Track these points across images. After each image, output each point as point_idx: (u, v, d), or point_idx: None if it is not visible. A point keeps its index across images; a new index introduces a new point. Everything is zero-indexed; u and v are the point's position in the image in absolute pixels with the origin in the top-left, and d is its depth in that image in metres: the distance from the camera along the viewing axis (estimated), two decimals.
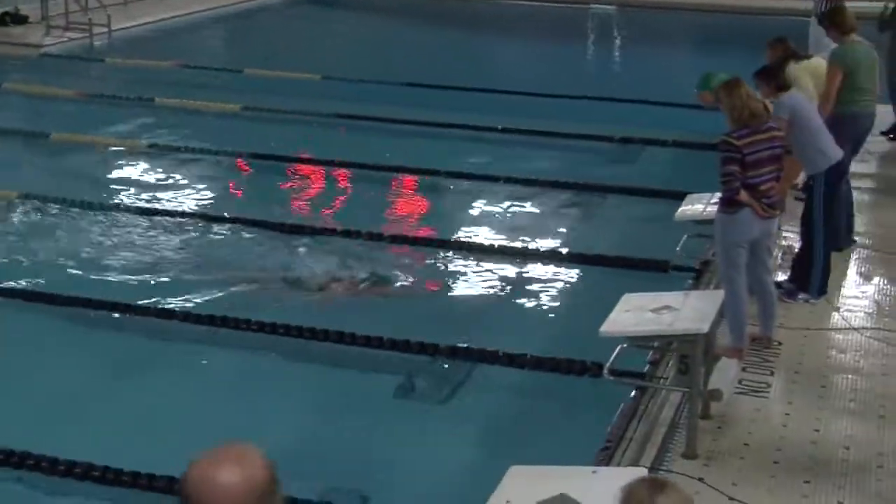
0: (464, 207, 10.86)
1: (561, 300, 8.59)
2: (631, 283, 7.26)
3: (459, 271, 9.03)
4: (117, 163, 12.36)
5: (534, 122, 13.23)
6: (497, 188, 11.19)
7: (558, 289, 8.76)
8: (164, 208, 10.54)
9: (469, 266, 9.12)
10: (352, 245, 9.45)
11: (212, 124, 13.93)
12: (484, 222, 10.44)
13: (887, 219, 9.44)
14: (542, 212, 10.68)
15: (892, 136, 11.65)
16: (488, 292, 8.69)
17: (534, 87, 14.98)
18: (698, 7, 22.61)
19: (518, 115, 13.77)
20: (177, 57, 17.69)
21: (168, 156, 12.46)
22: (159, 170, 12.09)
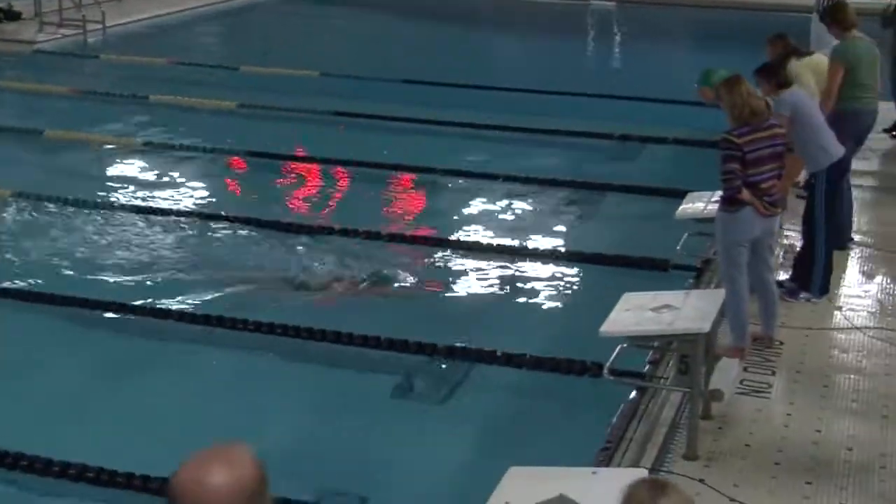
0: (462, 206, 10.85)
1: (560, 299, 8.59)
2: (631, 282, 7.27)
3: (458, 270, 9.03)
4: (112, 161, 12.36)
5: (533, 120, 13.23)
6: (496, 186, 11.20)
7: (558, 288, 8.77)
8: (159, 207, 10.53)
9: (468, 265, 9.12)
10: (350, 244, 9.46)
11: (207, 122, 13.92)
12: (483, 221, 10.44)
13: (890, 217, 9.45)
14: (542, 210, 10.68)
15: (894, 134, 11.66)
16: (487, 291, 8.69)
17: (533, 84, 14.98)
18: (698, 3, 22.61)
19: (517, 112, 13.77)
20: (172, 54, 17.68)
21: (163, 154, 12.45)
22: (154, 168, 12.08)
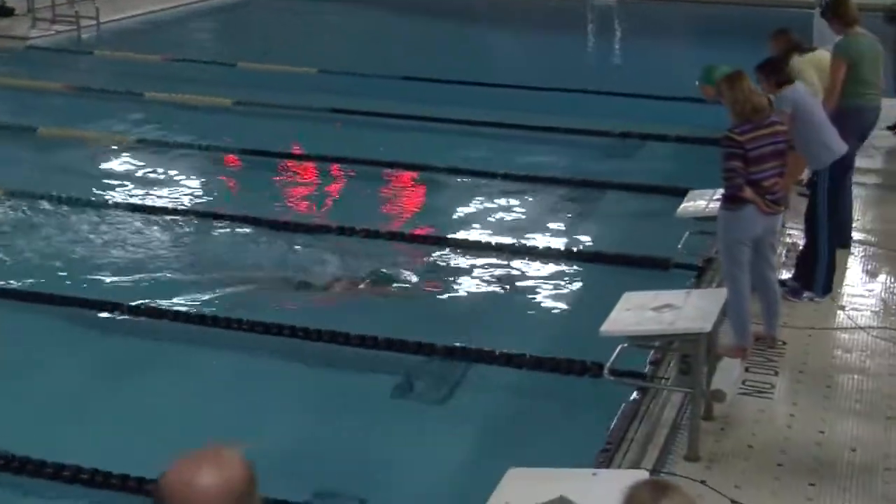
0: (461, 204, 10.85)
1: (560, 299, 8.58)
2: (632, 282, 7.26)
3: (457, 269, 9.01)
4: (106, 158, 12.34)
5: (532, 117, 13.21)
6: (495, 184, 11.19)
7: (558, 287, 8.76)
8: (155, 205, 10.53)
9: (467, 264, 9.12)
10: (348, 242, 9.46)
11: (203, 119, 13.91)
12: (482, 219, 10.43)
13: (893, 215, 9.44)
14: (541, 208, 10.68)
15: None
16: (486, 291, 8.68)
17: (532, 81, 14.98)
18: None
19: (516, 109, 13.75)
20: (167, 50, 17.67)
21: (158, 151, 12.44)
22: (149, 166, 12.06)
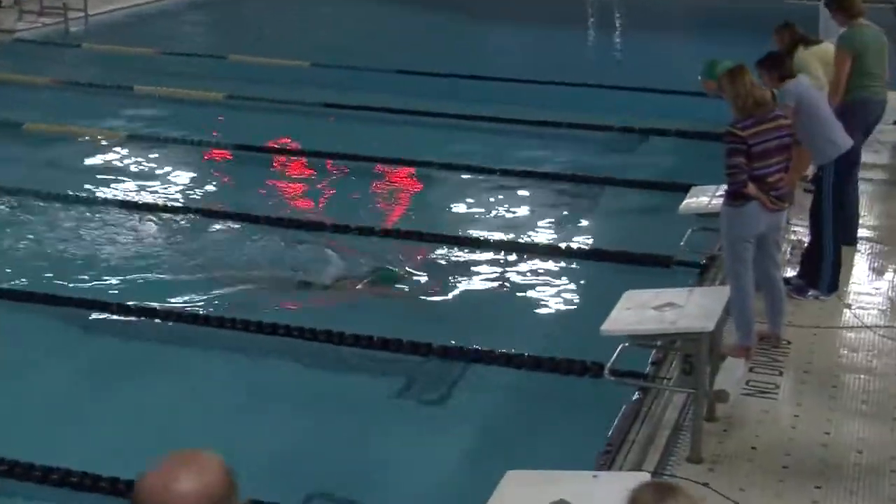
0: (459, 200, 10.84)
1: (560, 297, 8.59)
2: (633, 279, 7.28)
3: (455, 267, 9.01)
4: (95, 154, 12.32)
5: (531, 112, 13.22)
6: (493, 180, 11.20)
7: (557, 285, 8.76)
8: (145, 202, 10.52)
9: (465, 262, 9.12)
10: (344, 240, 9.45)
11: (194, 113, 13.90)
12: (479, 216, 10.43)
13: None
14: (540, 205, 10.68)
15: None
16: (485, 289, 8.68)
17: (530, 75, 14.97)
18: None
19: (514, 103, 13.77)
20: (157, 43, 17.65)
21: (149, 147, 12.43)
22: (140, 161, 12.05)
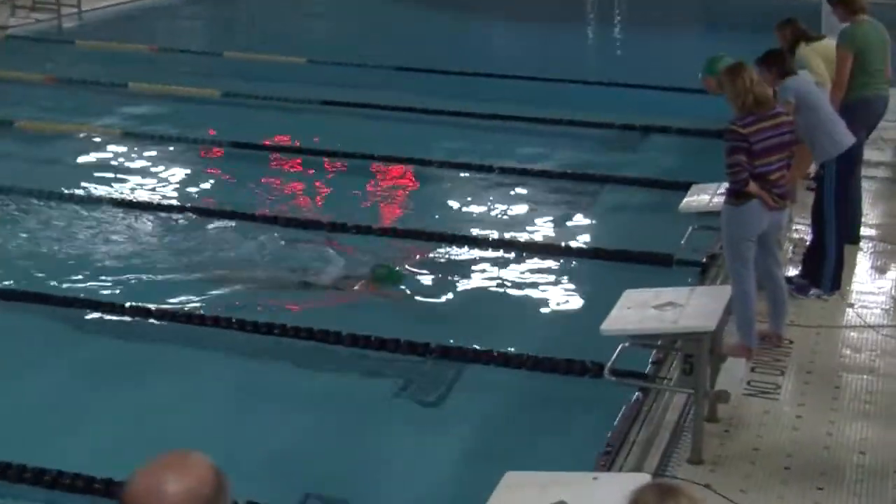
0: (457, 198, 10.84)
1: (560, 296, 8.58)
2: (633, 278, 7.27)
3: (453, 266, 9.00)
4: (89, 152, 12.31)
5: (530, 109, 13.22)
6: (491, 178, 11.19)
7: (557, 284, 8.76)
8: (139, 200, 10.50)
9: (463, 261, 9.11)
10: (339, 239, 9.44)
11: (190, 111, 13.90)
12: (478, 214, 10.42)
13: None
14: (539, 203, 10.67)
15: None
16: (483, 288, 8.67)
17: (530, 72, 14.98)
18: None
19: (514, 100, 13.77)
20: (152, 39, 17.65)
21: (144, 144, 12.43)
22: (135, 159, 12.05)
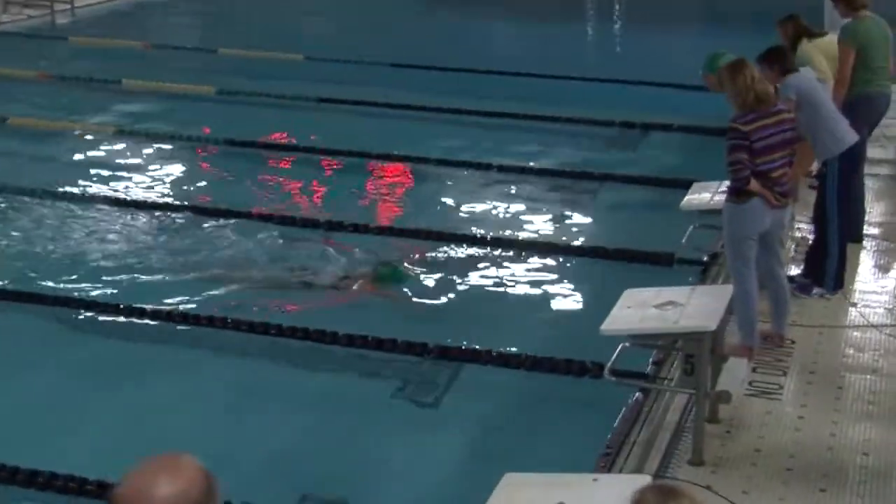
0: (455, 197, 10.83)
1: (559, 296, 8.58)
2: (633, 278, 7.27)
3: (450, 265, 9.00)
4: (82, 150, 12.31)
5: (529, 106, 13.21)
6: (490, 176, 11.19)
7: (556, 284, 8.76)
8: (133, 199, 10.50)
9: (461, 260, 9.11)
10: (336, 237, 9.44)
11: (184, 108, 13.89)
12: (477, 213, 10.42)
13: None
14: (539, 201, 10.67)
15: None
16: (482, 287, 8.67)
17: (529, 68, 14.99)
18: None
19: (513, 98, 13.78)
20: (145, 36, 17.64)
21: (138, 142, 12.42)
22: (128, 157, 12.04)
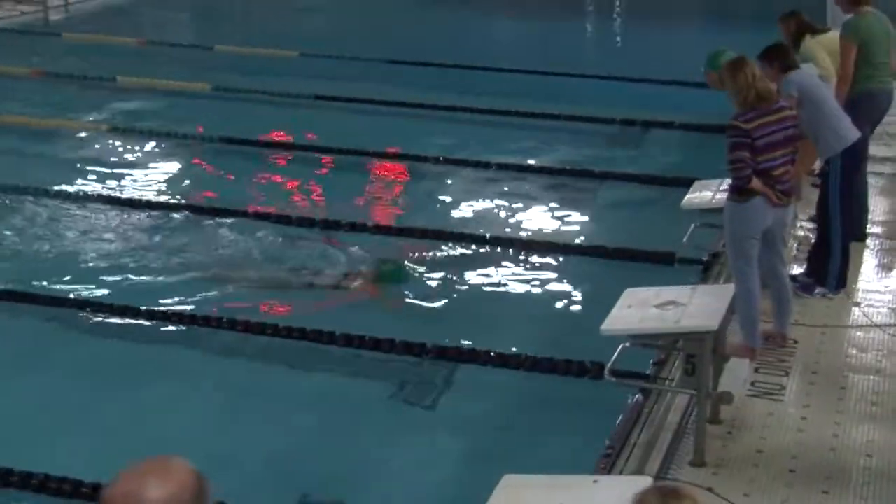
0: (453, 195, 10.84)
1: (559, 295, 8.59)
2: (634, 277, 7.27)
3: (449, 264, 9.00)
4: (76, 147, 12.30)
5: (528, 103, 13.22)
6: (489, 174, 11.20)
7: (556, 283, 8.76)
8: (127, 197, 10.50)
9: (459, 259, 9.11)
10: (335, 237, 9.44)
11: (180, 106, 13.90)
12: (475, 211, 10.42)
13: None
14: (538, 200, 10.67)
15: None
16: (480, 287, 8.68)
17: (528, 65, 15.00)
18: None
19: (511, 95, 13.77)
20: (140, 32, 17.65)
21: (132, 139, 12.43)
22: (122, 155, 12.04)
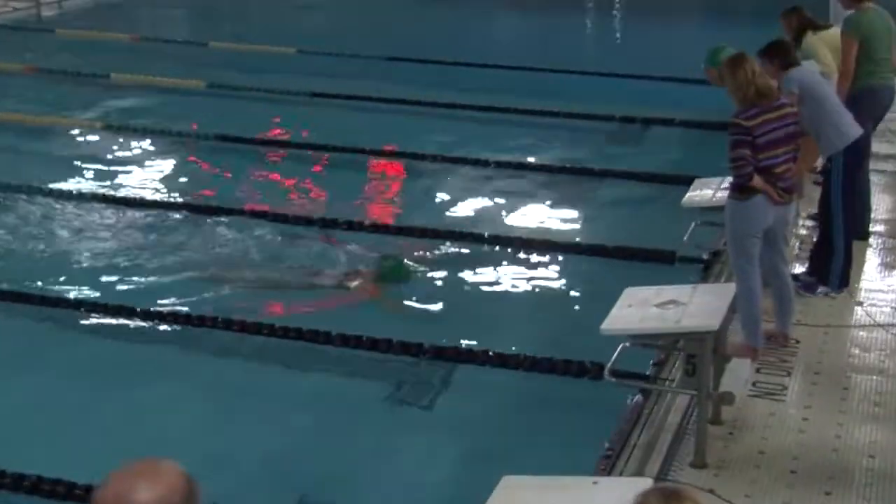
0: (452, 194, 10.84)
1: (558, 295, 8.60)
2: (634, 276, 7.28)
3: (446, 264, 9.00)
4: (70, 145, 12.31)
5: (527, 101, 13.23)
6: (487, 172, 11.20)
7: (555, 282, 8.77)
8: (121, 196, 10.50)
9: (457, 258, 9.11)
10: (333, 236, 9.44)
11: (174, 103, 13.90)
12: (473, 210, 10.43)
13: None
14: (537, 198, 10.68)
15: None
16: (478, 286, 8.69)
17: (527, 62, 14.99)
18: None
19: (510, 92, 13.79)
20: (134, 28, 17.64)
21: (126, 137, 12.43)
22: (116, 153, 12.05)
